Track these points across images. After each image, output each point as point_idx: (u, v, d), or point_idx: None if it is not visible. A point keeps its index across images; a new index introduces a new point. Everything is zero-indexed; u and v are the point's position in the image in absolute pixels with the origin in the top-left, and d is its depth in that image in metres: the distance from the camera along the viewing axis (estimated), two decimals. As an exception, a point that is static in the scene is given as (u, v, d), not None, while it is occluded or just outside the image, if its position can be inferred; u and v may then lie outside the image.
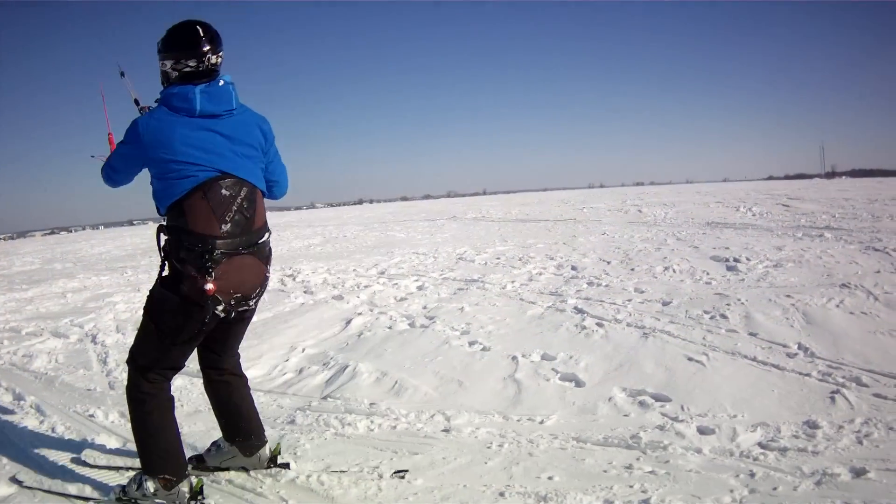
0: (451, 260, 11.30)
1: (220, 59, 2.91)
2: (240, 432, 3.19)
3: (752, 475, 2.81)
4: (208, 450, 3.30)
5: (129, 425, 3.00)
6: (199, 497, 2.89)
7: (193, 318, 2.73)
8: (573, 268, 9.07)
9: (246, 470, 3.20)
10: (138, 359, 2.86)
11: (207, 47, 2.84)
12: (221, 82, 2.86)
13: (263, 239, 2.91)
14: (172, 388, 2.94)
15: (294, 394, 4.44)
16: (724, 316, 5.53)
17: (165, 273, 2.78)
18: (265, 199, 3.03)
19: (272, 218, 3.01)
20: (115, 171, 2.91)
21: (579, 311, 6.16)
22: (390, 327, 6.04)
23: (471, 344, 5.28)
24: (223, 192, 2.75)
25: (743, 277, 7.30)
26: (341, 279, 9.52)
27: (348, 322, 6.39)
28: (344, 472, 3.06)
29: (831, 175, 71.10)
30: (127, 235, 35.87)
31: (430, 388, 4.26)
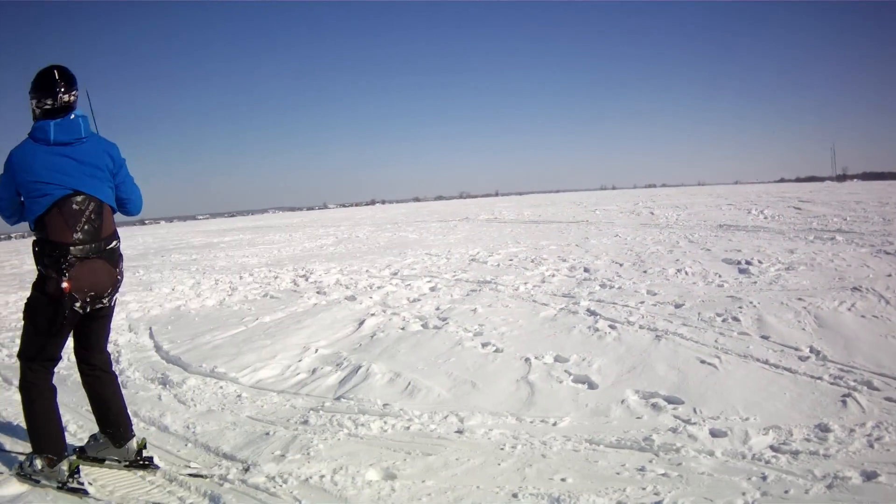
0: (464, 261, 11.38)
1: (73, 98, 3.47)
2: (109, 424, 3.61)
3: (764, 478, 2.83)
4: (88, 441, 3.72)
5: (140, 423, 3.77)
6: (76, 476, 3.33)
7: (57, 313, 3.28)
8: (585, 270, 9.10)
9: (118, 461, 3.59)
10: (23, 353, 3.43)
11: (61, 89, 3.42)
12: (73, 116, 3.44)
13: (112, 245, 3.49)
14: (187, 386, 3.69)
15: (307, 394, 4.47)
16: (736, 319, 5.54)
17: (35, 279, 3.35)
18: (126, 215, 3.76)
19: (284, 218, 3.14)
20: (1, 199, 3.44)
21: (592, 313, 6.19)
22: (403, 328, 6.09)
23: (484, 345, 5.32)
24: (73, 206, 3.33)
25: (755, 280, 7.30)
26: (354, 280, 9.59)
27: (361, 323, 6.45)
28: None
29: (842, 178, 70.71)
30: (139, 234, 36.03)
31: (444, 390, 4.29)
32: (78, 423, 4.20)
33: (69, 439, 3.70)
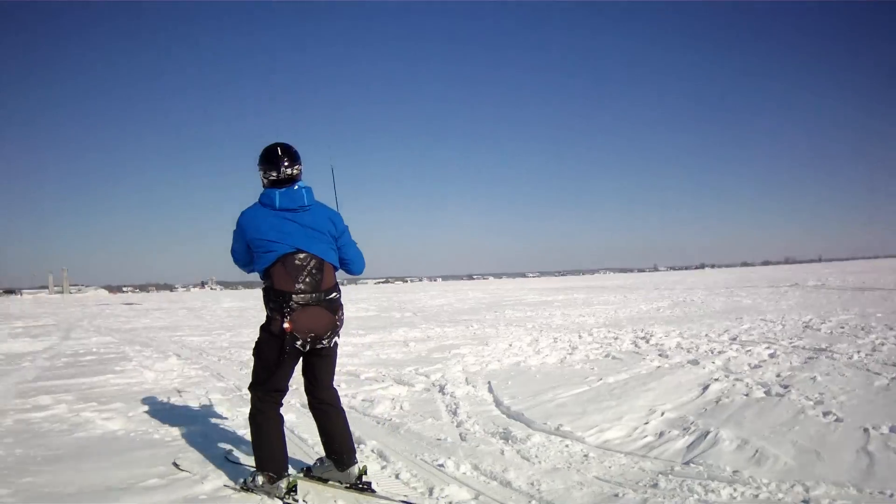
0: (798, 328, 11.23)
1: (296, 171, 4.07)
2: (333, 451, 4.12)
3: None
4: (315, 463, 4.30)
5: (480, 477, 4.10)
6: (293, 493, 3.91)
7: (280, 350, 3.87)
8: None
9: (340, 483, 4.09)
10: (252, 384, 4.07)
11: (284, 163, 4.03)
12: (296, 187, 4.04)
13: (332, 296, 4.00)
14: (531, 443, 4.34)
15: (655, 457, 4.44)
16: None
17: (263, 321, 3.98)
18: (349, 274, 4.29)
19: (616, 279, 3.53)
20: (234, 252, 4.14)
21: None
22: (747, 394, 6.03)
23: (825, 414, 5.16)
24: (296, 262, 3.92)
25: None
26: (694, 343, 9.67)
27: (705, 387, 6.47)
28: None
29: None
30: (468, 289, 38.66)
31: (790, 458, 4.20)
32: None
33: (308, 456, 4.48)
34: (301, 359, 4.09)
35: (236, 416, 6.06)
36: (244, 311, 25.14)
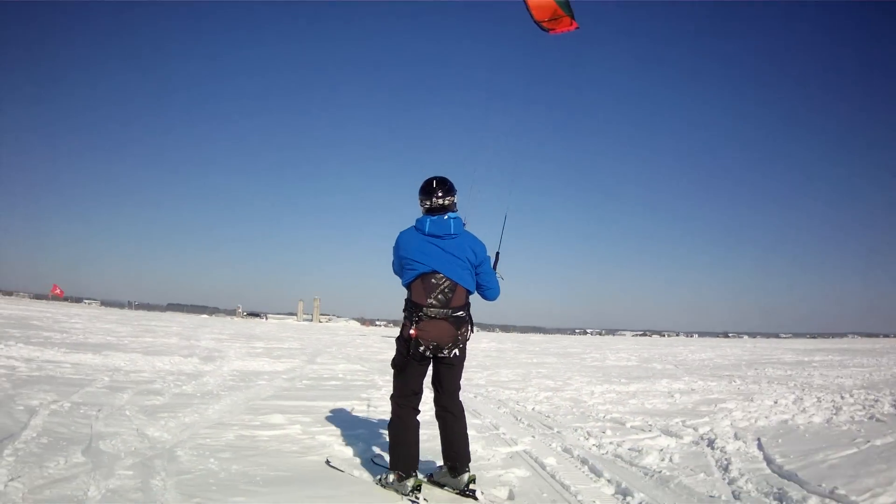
0: None
1: (447, 202, 4.70)
2: (449, 457, 4.62)
3: None
4: (436, 469, 4.87)
5: None
6: (417, 492, 4.42)
7: (406, 352, 4.54)
8: None
9: (452, 489, 4.60)
10: (392, 393, 4.73)
11: (438, 194, 4.69)
12: (446, 216, 4.66)
13: (458, 314, 4.58)
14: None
15: None
16: None
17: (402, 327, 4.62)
18: (484, 299, 4.88)
19: (866, 342, 3.52)
20: (393, 265, 4.85)
21: None
22: None
23: None
24: (433, 280, 4.56)
25: None
26: None
27: None
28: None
29: None
30: (725, 346, 36.98)
31: None
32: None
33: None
34: (431, 368, 4.75)
35: (492, 455, 6.09)
36: (503, 352, 26.12)
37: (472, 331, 4.80)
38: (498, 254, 5.27)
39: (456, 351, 4.65)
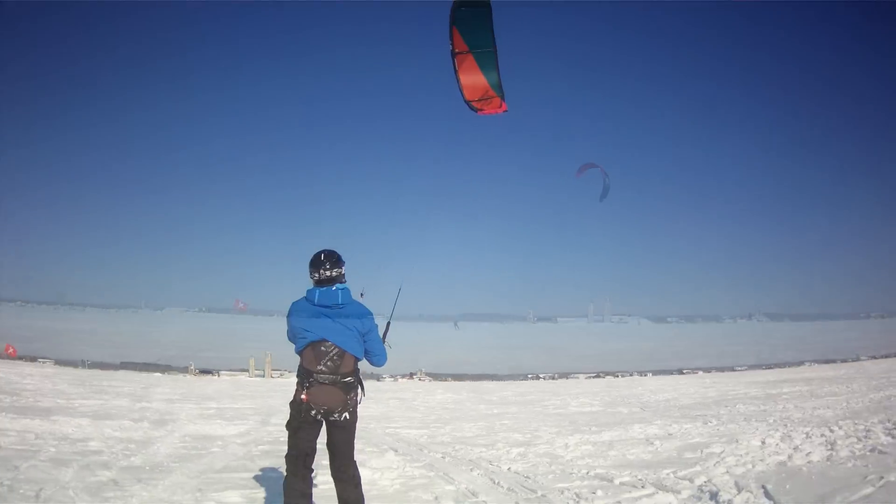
0: None
1: (334, 273, 5.08)
2: None
3: None
4: None
5: None
6: None
7: (297, 415, 4.92)
8: None
9: None
10: (287, 451, 4.99)
11: (325, 267, 5.07)
12: (334, 287, 5.06)
13: (347, 380, 4.96)
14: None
15: None
16: None
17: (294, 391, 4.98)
18: (372, 365, 5.23)
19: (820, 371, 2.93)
20: (287, 332, 5.13)
21: None
22: None
23: None
24: (322, 348, 4.93)
25: None
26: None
27: None
28: None
29: None
30: (685, 384, 36.60)
31: None
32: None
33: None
34: (325, 432, 5.04)
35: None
36: (460, 403, 25.18)
37: (362, 395, 5.15)
38: (389, 323, 5.78)
39: (346, 414, 5.00)
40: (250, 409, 21.74)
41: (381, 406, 22.76)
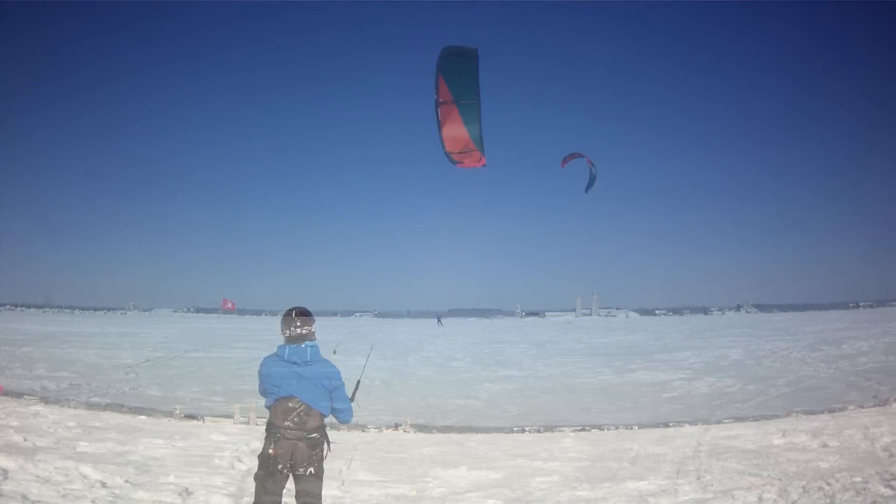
0: None
1: (305, 331, 5.20)
2: None
3: None
4: None
5: None
6: None
7: (265, 468, 5.02)
8: None
9: None
10: (254, 501, 5.08)
11: (296, 324, 5.21)
12: (304, 345, 5.16)
13: (313, 436, 5.07)
14: None
15: None
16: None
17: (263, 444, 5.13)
18: (339, 422, 5.44)
19: None
20: (259, 386, 5.27)
21: None
22: None
23: None
24: (289, 405, 5.06)
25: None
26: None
27: None
28: None
29: None
30: (672, 435, 36.22)
31: None
32: None
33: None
34: (294, 485, 5.10)
35: None
36: (447, 455, 24.61)
37: (328, 450, 5.22)
38: (359, 382, 5.99)
39: (311, 469, 5.08)
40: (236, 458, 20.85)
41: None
